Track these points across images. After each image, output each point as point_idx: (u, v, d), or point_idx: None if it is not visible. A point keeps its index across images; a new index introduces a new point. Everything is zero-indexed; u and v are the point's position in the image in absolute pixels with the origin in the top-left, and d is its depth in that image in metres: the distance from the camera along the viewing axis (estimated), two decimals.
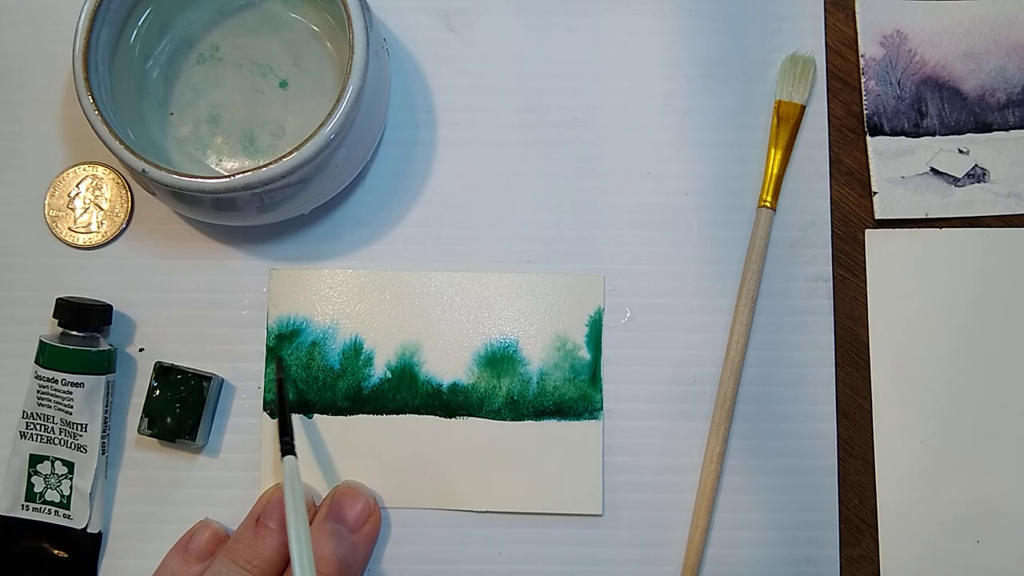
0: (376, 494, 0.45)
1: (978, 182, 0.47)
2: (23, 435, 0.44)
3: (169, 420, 0.44)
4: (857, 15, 0.48)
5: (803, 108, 0.47)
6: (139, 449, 0.45)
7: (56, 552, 0.44)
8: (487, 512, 0.45)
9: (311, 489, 0.44)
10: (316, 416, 0.45)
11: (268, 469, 0.45)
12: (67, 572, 0.44)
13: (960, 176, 0.47)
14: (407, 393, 0.45)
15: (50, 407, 0.44)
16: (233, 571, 0.40)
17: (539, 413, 0.45)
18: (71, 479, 0.44)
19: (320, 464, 0.45)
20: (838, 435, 0.45)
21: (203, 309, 0.46)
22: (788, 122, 0.47)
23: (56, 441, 0.44)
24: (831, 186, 0.47)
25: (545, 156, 0.47)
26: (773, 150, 0.47)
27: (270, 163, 0.40)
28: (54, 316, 0.44)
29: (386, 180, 0.47)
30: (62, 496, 0.44)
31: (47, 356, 0.43)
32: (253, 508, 0.43)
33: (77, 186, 0.47)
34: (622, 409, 0.45)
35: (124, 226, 0.47)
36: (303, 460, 0.45)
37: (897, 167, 0.47)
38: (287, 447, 0.41)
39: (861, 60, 0.48)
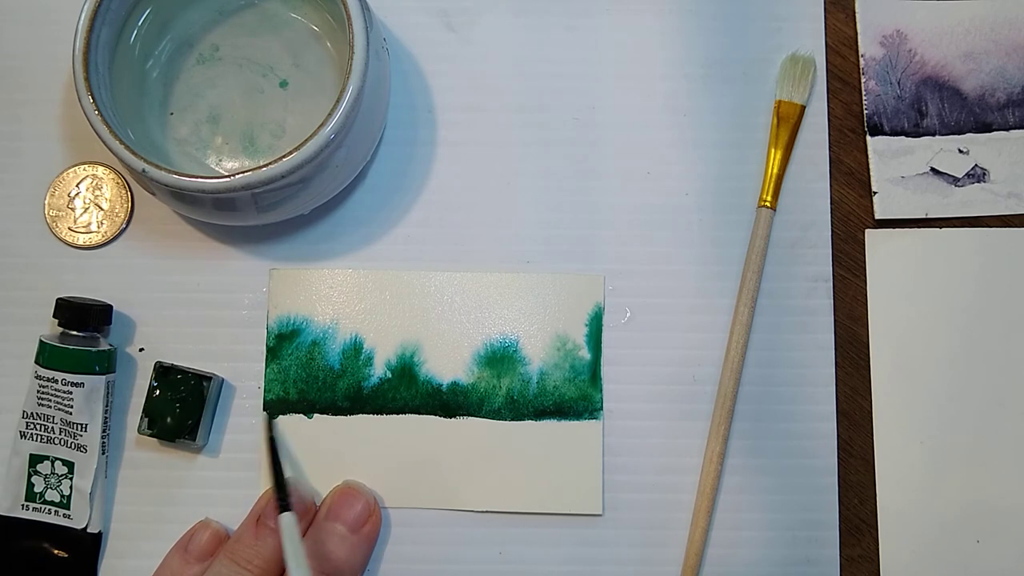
0: (376, 494, 0.45)
1: (978, 182, 0.47)
2: (23, 435, 0.44)
3: (169, 420, 0.44)
4: (857, 15, 0.48)
5: (803, 108, 0.47)
6: (139, 449, 0.45)
7: (56, 552, 0.44)
8: (487, 512, 0.45)
9: (311, 489, 0.44)
10: (316, 416, 0.45)
11: (268, 469, 0.45)
12: (67, 572, 0.44)
13: (960, 176, 0.47)
14: (407, 393, 0.45)
15: (50, 407, 0.44)
16: (233, 571, 0.40)
17: (539, 413, 0.45)
18: (71, 479, 0.44)
19: (320, 464, 0.45)
20: (838, 435, 0.45)
21: (203, 309, 0.46)
22: (788, 122, 0.47)
23: (56, 441, 0.44)
24: (831, 186, 0.47)
25: (545, 156, 0.47)
26: (773, 150, 0.47)
27: (270, 163, 0.40)
28: (54, 316, 0.44)
29: (386, 180, 0.47)
30: (62, 496, 0.44)
31: (47, 356, 0.43)
32: (253, 508, 0.43)
33: (77, 186, 0.47)
34: (622, 409, 0.45)
35: (124, 226, 0.47)
36: (303, 460, 0.45)
37: (897, 167, 0.47)
38: (284, 504, 0.41)
39: (861, 60, 0.48)
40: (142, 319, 0.46)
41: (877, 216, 0.47)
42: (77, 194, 0.47)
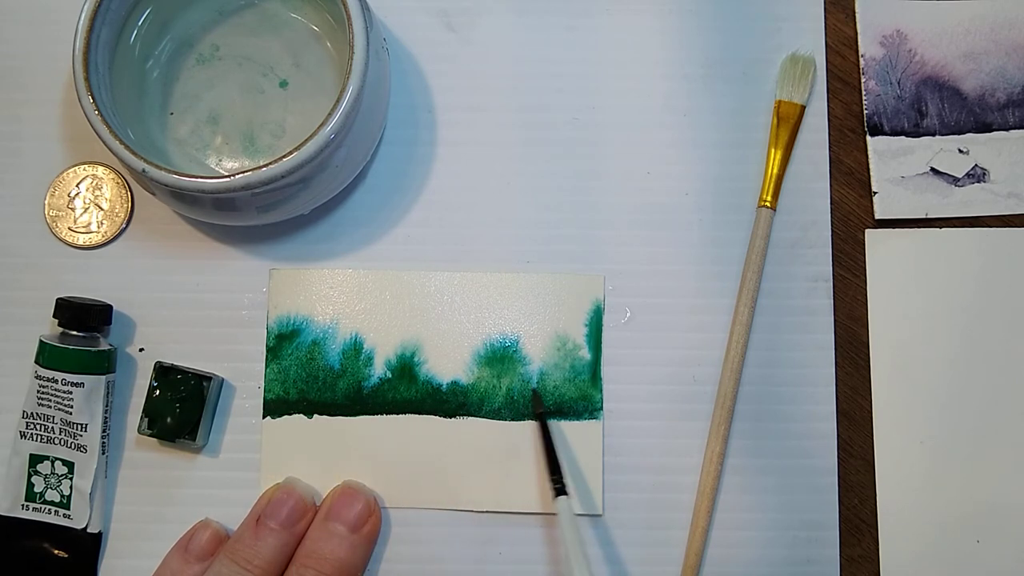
0: (376, 494, 0.45)
1: (978, 182, 0.47)
2: (23, 435, 0.44)
3: (169, 420, 0.44)
4: (857, 15, 0.48)
5: (803, 108, 0.47)
6: (139, 449, 0.45)
7: (56, 552, 0.44)
8: (487, 512, 0.45)
9: (311, 489, 0.44)
10: (316, 416, 0.45)
11: (268, 469, 0.45)
12: (67, 572, 0.44)
13: (960, 176, 0.47)
14: (407, 392, 0.45)
15: (50, 407, 0.44)
16: (234, 571, 0.40)
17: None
18: (71, 479, 0.44)
19: (320, 464, 0.45)
20: (838, 435, 0.45)
21: (203, 309, 0.46)
22: (788, 122, 0.47)
23: (56, 441, 0.44)
24: (831, 186, 0.47)
25: (545, 156, 0.47)
26: (773, 150, 0.47)
27: (270, 163, 0.40)
28: (54, 316, 0.44)
29: (386, 180, 0.47)
30: (62, 496, 0.44)
31: (47, 356, 0.43)
32: (254, 508, 0.43)
33: (77, 186, 0.47)
34: (622, 409, 0.45)
35: (124, 226, 0.47)
36: (303, 460, 0.45)
37: (897, 167, 0.47)
38: (560, 487, 0.41)
39: (861, 60, 0.48)
40: (142, 319, 0.46)
41: (877, 216, 0.47)
42: (77, 194, 0.47)
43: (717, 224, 0.47)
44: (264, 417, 0.45)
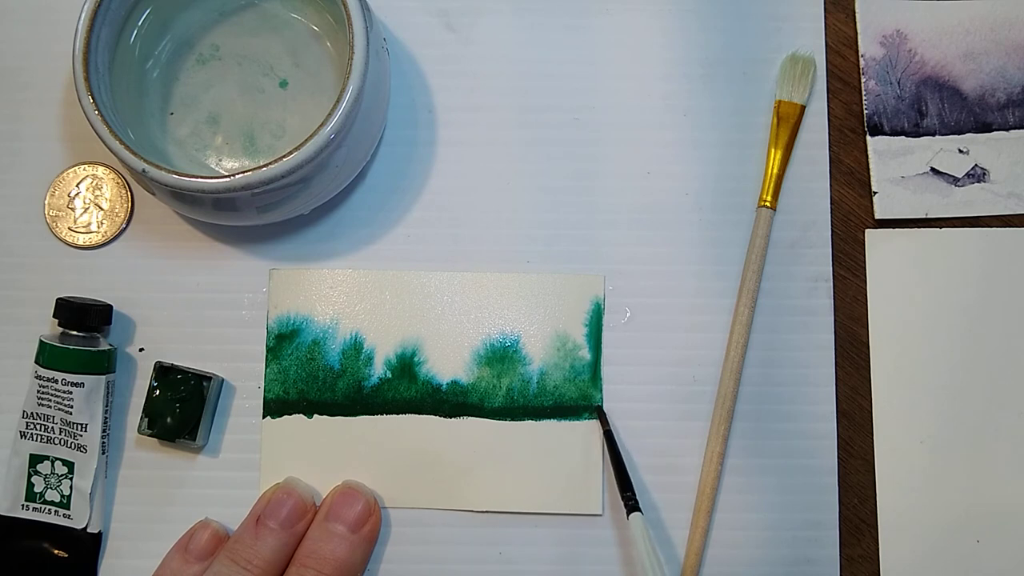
0: (376, 494, 0.45)
1: (978, 182, 0.47)
2: (23, 435, 0.44)
3: (169, 420, 0.44)
4: (857, 15, 0.48)
5: (803, 108, 0.47)
6: (139, 449, 0.45)
7: (56, 552, 0.44)
8: (487, 512, 0.45)
9: (311, 489, 0.44)
10: (316, 416, 0.45)
11: (268, 469, 0.45)
12: (67, 572, 0.44)
13: (960, 176, 0.47)
14: (407, 392, 0.45)
15: (50, 407, 0.44)
16: (233, 571, 0.40)
17: (539, 413, 0.45)
18: (71, 479, 0.44)
19: (320, 464, 0.45)
20: (838, 435, 0.45)
21: (203, 309, 0.46)
22: (788, 122, 0.47)
23: (56, 441, 0.44)
24: (831, 186, 0.47)
25: (545, 156, 0.47)
26: (773, 150, 0.47)
27: (270, 163, 0.40)
28: (54, 316, 0.44)
29: (386, 180, 0.47)
30: (62, 496, 0.44)
31: (47, 356, 0.43)
32: (253, 508, 0.43)
33: (77, 186, 0.47)
34: (622, 409, 0.45)
35: (124, 226, 0.47)
36: (303, 460, 0.45)
37: (897, 167, 0.47)
38: (633, 503, 0.41)
39: (861, 60, 0.48)
40: (142, 319, 0.46)
41: (877, 216, 0.47)
42: (77, 194, 0.47)
43: (717, 224, 0.47)
44: (264, 417, 0.45)
